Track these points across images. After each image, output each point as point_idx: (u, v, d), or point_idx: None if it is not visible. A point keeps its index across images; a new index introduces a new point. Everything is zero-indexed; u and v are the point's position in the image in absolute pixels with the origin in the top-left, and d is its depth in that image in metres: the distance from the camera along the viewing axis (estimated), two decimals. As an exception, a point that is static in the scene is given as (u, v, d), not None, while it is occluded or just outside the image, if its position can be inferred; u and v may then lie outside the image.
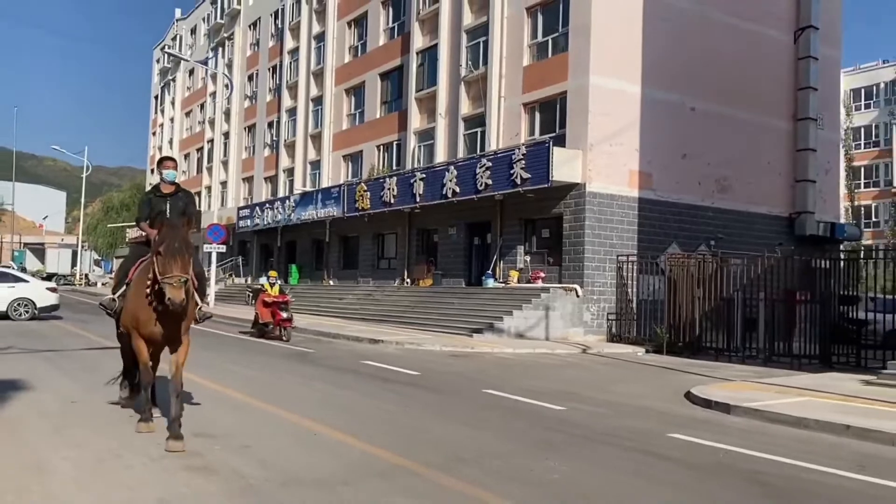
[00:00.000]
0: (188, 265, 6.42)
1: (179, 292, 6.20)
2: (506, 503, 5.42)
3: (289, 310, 17.94)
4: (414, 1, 29.21)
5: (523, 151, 21.66)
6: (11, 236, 75.20)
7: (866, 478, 6.71)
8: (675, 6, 23.13)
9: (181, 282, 6.25)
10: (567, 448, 7.57)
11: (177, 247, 6.31)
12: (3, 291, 21.78)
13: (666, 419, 9.45)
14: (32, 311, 21.99)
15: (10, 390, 9.23)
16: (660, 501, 5.77)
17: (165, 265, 6.26)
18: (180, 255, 6.30)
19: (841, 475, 6.79)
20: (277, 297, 17.93)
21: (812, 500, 5.96)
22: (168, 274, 6.23)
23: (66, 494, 5.22)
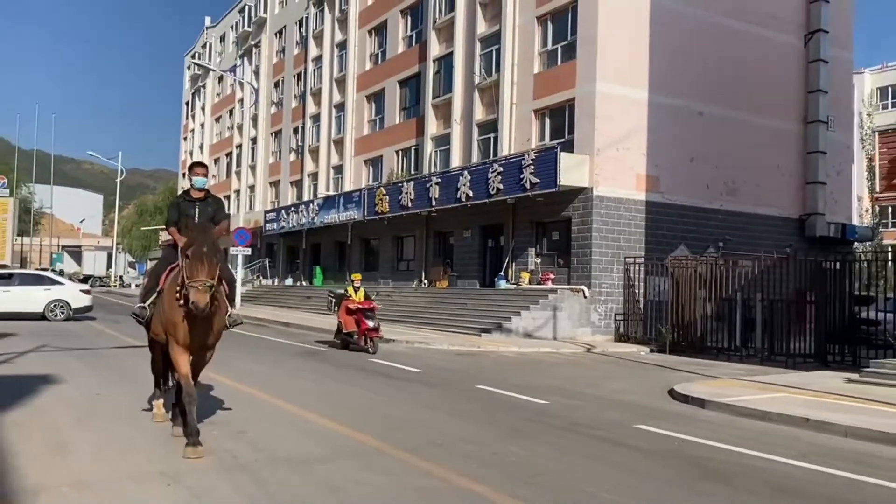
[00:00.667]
0: (215, 270, 6.37)
1: (204, 296, 6.17)
2: (461, 479, 6.19)
3: (375, 317, 16.13)
4: (431, 10, 30.06)
5: (532, 157, 22.36)
6: (50, 239, 77.50)
7: (801, 463, 7.37)
8: (682, 13, 23.64)
9: (206, 286, 6.21)
10: (536, 436, 8.32)
11: (205, 251, 6.29)
12: (39, 293, 23.03)
13: (641, 412, 10.12)
14: (67, 312, 23.18)
15: (41, 384, 10.24)
16: (599, 478, 6.50)
17: (192, 269, 6.26)
18: (207, 260, 6.28)
19: (779, 461, 7.45)
20: (362, 303, 16.22)
21: (737, 479, 6.65)
22: (194, 278, 6.22)
23: (83, 467, 6.14)
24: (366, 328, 15.93)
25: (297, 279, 40.13)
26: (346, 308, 16.38)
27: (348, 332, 16.32)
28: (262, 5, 47.92)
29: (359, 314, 16.12)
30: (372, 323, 15.93)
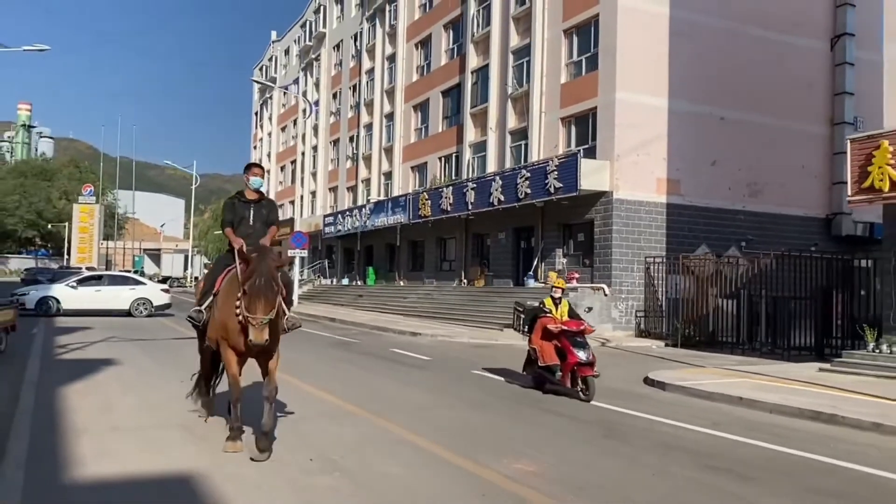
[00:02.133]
0: (274, 302, 6.24)
1: (262, 335, 6.11)
2: (405, 432, 7.94)
3: (588, 345, 10.93)
4: (469, 24, 31.81)
5: (556, 163, 23.84)
6: (132, 242, 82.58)
7: (707, 430, 8.81)
8: (702, 23, 24.66)
9: (263, 323, 6.11)
10: (494, 407, 9.99)
11: (262, 285, 6.11)
12: (126, 293, 25.82)
13: (605, 393, 11.60)
14: (150, 310, 25.81)
15: (102, 365, 12.50)
16: (517, 433, 8.17)
17: (251, 304, 6.13)
18: (265, 296, 6.13)
19: (689, 428, 8.92)
20: (568, 322, 11.09)
21: (637, 439, 8.17)
22: (252, 314, 6.11)
23: (120, 419, 8.18)
24: (575, 362, 10.62)
25: (353, 279, 42.47)
26: (544, 329, 11.14)
27: (546, 365, 11.05)
28: (322, 21, 50.60)
29: (563, 339, 10.87)
30: (583, 355, 10.62)
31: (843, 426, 9.24)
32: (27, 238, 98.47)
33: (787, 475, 6.75)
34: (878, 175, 14.15)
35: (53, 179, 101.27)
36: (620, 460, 7.15)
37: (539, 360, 11.26)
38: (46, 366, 12.48)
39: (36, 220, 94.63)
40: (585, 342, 11.03)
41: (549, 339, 11.16)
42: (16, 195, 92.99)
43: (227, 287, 6.76)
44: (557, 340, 11.03)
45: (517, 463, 6.75)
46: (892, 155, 13.90)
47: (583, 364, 10.69)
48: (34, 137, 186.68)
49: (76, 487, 5.68)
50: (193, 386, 8.32)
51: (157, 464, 6.31)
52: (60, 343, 16.19)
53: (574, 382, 10.84)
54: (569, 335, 10.98)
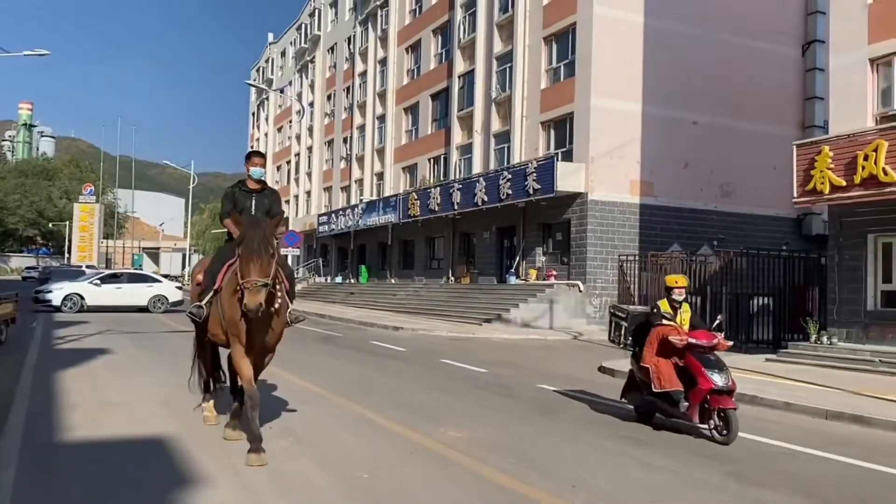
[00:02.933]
0: (269, 267, 5.94)
1: (256, 297, 5.79)
2: (363, 409, 8.97)
3: (725, 367, 8.17)
4: (456, 30, 32.83)
5: (535, 166, 24.87)
6: (132, 241, 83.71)
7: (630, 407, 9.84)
8: (675, 31, 25.63)
9: (257, 286, 5.81)
10: (450, 390, 11.02)
11: (255, 247, 5.89)
12: (144, 290, 26.99)
13: (555, 379, 12.61)
14: (166, 306, 26.85)
15: (96, 354, 13.57)
16: (461, 409, 9.21)
17: (244, 268, 5.89)
18: (258, 257, 5.88)
19: (619, 406, 9.92)
20: (697, 334, 8.31)
21: (562, 413, 9.22)
22: (247, 278, 5.84)
23: (110, 397, 9.24)
24: (708, 388, 7.92)
25: (346, 277, 43.52)
26: (662, 342, 8.33)
27: (664, 391, 8.22)
28: (317, 24, 51.62)
29: (690, 357, 8.16)
30: (720, 379, 7.93)
31: (759, 406, 10.28)
32: (28, 237, 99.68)
33: (682, 443, 7.79)
34: (819, 178, 15.20)
35: (54, 179, 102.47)
36: (540, 429, 8.19)
37: (654, 383, 8.08)
38: (44, 354, 13.56)
39: (37, 219, 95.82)
40: (721, 362, 8.11)
41: (668, 355, 8.22)
42: (17, 194, 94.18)
43: (229, 284, 6.42)
44: (678, 358, 8.17)
45: (450, 431, 7.78)
46: (832, 160, 14.94)
47: (720, 392, 7.83)
48: (35, 136, 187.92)
49: (65, 446, 6.74)
50: (203, 390, 7.96)
51: (137, 431, 7.35)
52: (58, 335, 17.25)
53: (705, 416, 7.94)
54: (698, 352, 8.07)
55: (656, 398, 8.33)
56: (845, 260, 15.77)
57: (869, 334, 15.13)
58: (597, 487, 5.89)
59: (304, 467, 6.12)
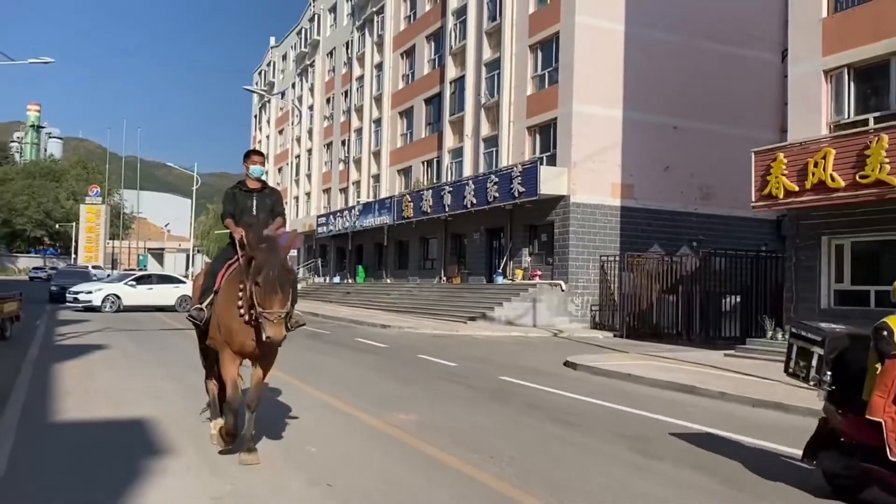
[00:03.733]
0: (289, 295, 5.89)
1: (279, 329, 5.73)
2: (329, 398, 9.91)
3: None
4: (448, 36, 33.79)
5: (520, 169, 25.81)
6: (137, 242, 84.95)
7: (580, 396, 10.73)
8: (656, 38, 26.51)
9: (281, 318, 5.74)
10: (417, 381, 11.96)
11: (276, 276, 5.70)
12: (172, 290, 28.34)
13: (519, 372, 13.52)
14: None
15: (93, 349, 14.58)
16: (421, 397, 10.15)
17: (264, 299, 5.71)
18: (281, 288, 5.73)
19: (564, 395, 10.86)
20: None
21: (515, 400, 10.14)
22: (268, 309, 5.70)
23: (101, 384, 10.22)
24: None
25: (344, 277, 44.52)
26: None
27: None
28: (317, 28, 52.64)
29: None
30: None
31: (696, 395, 11.20)
32: (36, 237, 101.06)
33: (605, 423, 8.72)
34: (774, 184, 16.07)
35: (61, 180, 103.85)
36: (484, 413, 9.12)
37: (891, 447, 5.14)
38: (45, 349, 14.57)
39: (44, 219, 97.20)
40: None
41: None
42: (25, 196, 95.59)
43: (227, 286, 6.35)
44: None
45: (402, 415, 8.71)
46: (786, 166, 15.82)
47: None
48: (43, 138, 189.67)
49: (56, 425, 7.71)
50: (207, 405, 7.55)
51: (121, 413, 8.32)
52: (60, 332, 18.29)
53: None
54: None
55: (884, 468, 5.26)
56: (802, 260, 16.64)
57: (822, 331, 15.96)
58: (511, 458, 6.81)
59: (261, 443, 7.06)
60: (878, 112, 15.39)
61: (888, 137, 13.87)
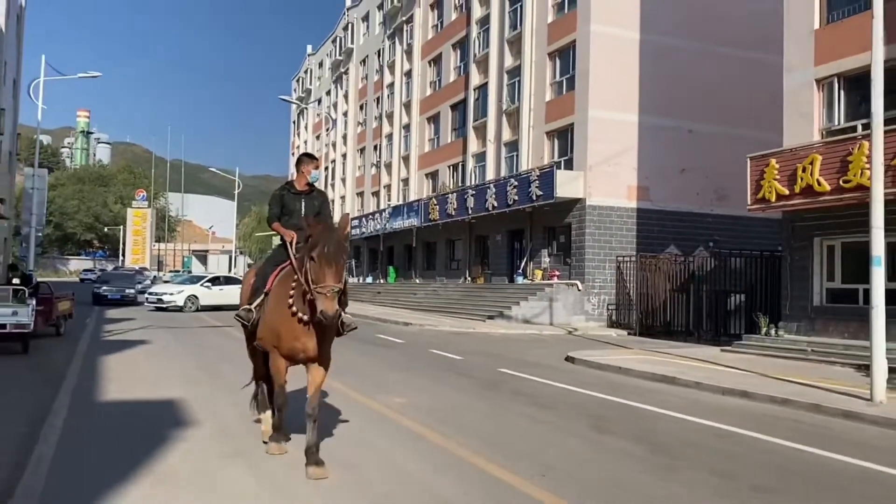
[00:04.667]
0: (342, 272, 5.76)
1: (332, 303, 5.56)
2: (333, 382, 11.19)
3: None
4: (472, 45, 34.99)
5: (538, 173, 26.87)
6: (182, 244, 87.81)
7: (567, 385, 11.83)
8: (671, 45, 27.32)
9: (334, 292, 5.59)
10: (420, 371, 13.20)
11: (332, 251, 5.63)
12: (235, 290, 30.01)
13: (521, 365, 14.64)
14: None
15: (136, 344, 16.15)
16: (417, 384, 11.38)
17: (319, 273, 5.62)
18: (335, 262, 5.64)
19: (553, 385, 11.98)
20: None
21: (505, 388, 11.31)
22: (321, 283, 5.58)
23: (142, 373, 11.69)
24: None
25: (376, 277, 45.99)
26: None
27: None
28: (350, 37, 54.28)
29: None
30: None
31: (677, 385, 12.23)
32: (86, 240, 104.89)
33: (577, 407, 9.84)
34: (767, 188, 16.94)
35: (109, 185, 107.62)
36: (472, 398, 10.32)
37: None
38: (94, 343, 16.19)
39: (93, 223, 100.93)
40: None
41: None
42: (75, 200, 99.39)
43: (278, 288, 6.31)
44: None
45: (396, 398, 9.95)
46: (778, 171, 16.68)
47: None
48: (92, 143, 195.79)
49: (101, 403, 9.14)
50: (252, 398, 7.69)
51: (157, 395, 9.72)
52: (107, 329, 19.97)
53: None
54: None
55: None
56: (795, 260, 17.46)
57: (814, 327, 16.82)
58: (485, 434, 7.94)
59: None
60: (866, 119, 16.12)
61: (868, 144, 14.65)
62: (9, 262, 47.59)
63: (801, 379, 12.26)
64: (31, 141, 60.05)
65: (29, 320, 13.38)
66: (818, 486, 6.31)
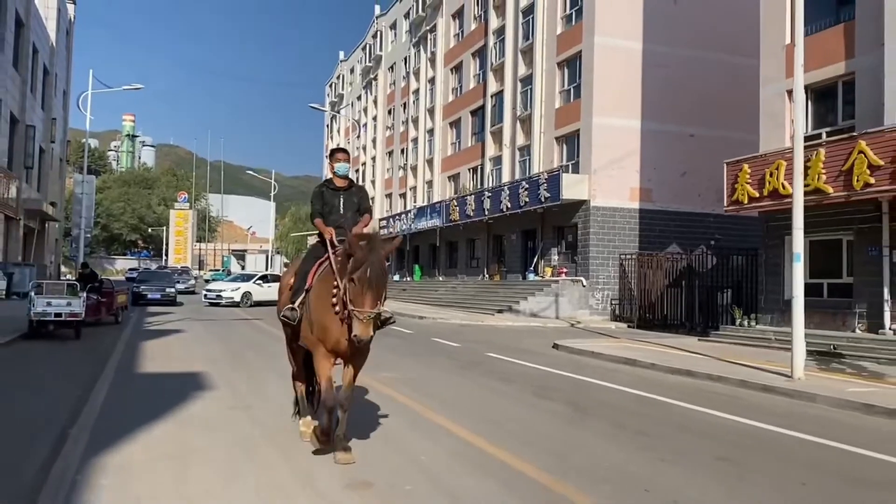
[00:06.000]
0: (382, 296, 5.81)
1: (367, 329, 5.66)
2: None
3: None
4: (489, 54, 36.78)
5: (545, 177, 28.58)
6: (221, 244, 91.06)
7: (538, 366, 13.62)
8: (673, 54, 28.78)
9: (370, 318, 5.66)
10: (416, 354, 15.06)
11: (373, 277, 5.62)
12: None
13: (510, 351, 16.36)
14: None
15: (172, 332, 18.34)
16: (409, 364, 13.25)
17: (358, 296, 5.65)
18: (376, 287, 5.67)
19: (525, 364, 13.76)
20: None
21: (480, 367, 13.14)
22: (359, 307, 5.63)
23: (174, 354, 13.79)
24: None
25: (403, 275, 48.04)
26: None
27: None
28: (379, 45, 56.46)
29: None
30: None
31: (635, 366, 13.93)
32: (131, 241, 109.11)
33: (535, 381, 11.62)
34: (740, 191, 18.46)
35: (153, 187, 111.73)
36: (450, 375, 12.16)
37: None
38: (136, 331, 18.43)
39: (138, 224, 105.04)
40: None
41: None
42: (121, 202, 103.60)
43: (319, 284, 6.29)
44: None
45: (386, 373, 11.81)
46: (750, 175, 18.19)
47: None
48: (137, 146, 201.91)
49: (139, 375, 11.22)
50: (294, 404, 7.54)
51: (185, 369, 11.77)
52: (147, 321, 22.24)
53: None
54: None
55: None
56: (770, 257, 18.94)
57: (785, 318, 18.24)
58: (446, 398, 9.77)
59: (270, 384, 10.29)
60: (829, 127, 17.63)
61: (825, 151, 16.18)
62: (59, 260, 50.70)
63: (748, 362, 13.88)
64: (80, 145, 63.32)
65: (80, 310, 15.56)
66: (692, 433, 8.02)
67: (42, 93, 37.29)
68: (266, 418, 8.07)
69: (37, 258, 36.81)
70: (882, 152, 14.84)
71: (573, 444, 7.31)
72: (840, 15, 17.66)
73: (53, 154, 41.86)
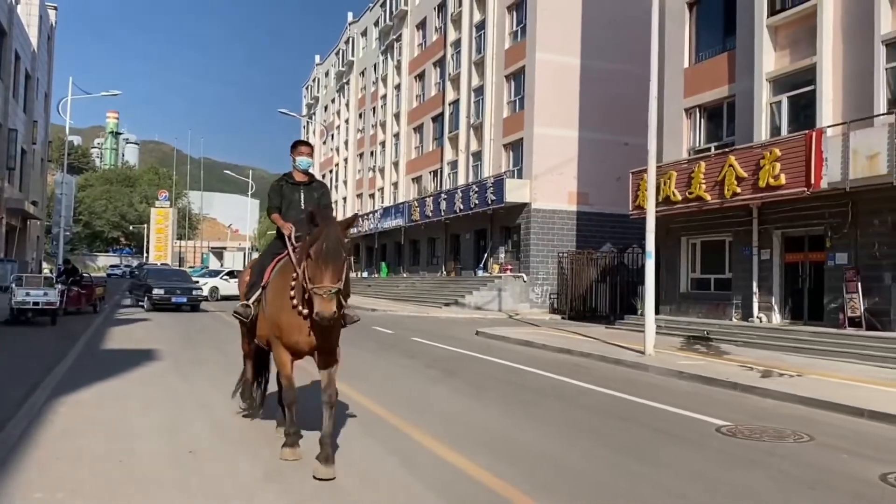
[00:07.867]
0: (341, 272, 5.35)
1: (329, 305, 5.20)
2: (272, 343, 15.54)
3: None
4: (447, 64, 39.23)
5: (491, 181, 31.07)
6: (201, 241, 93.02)
7: (452, 348, 16.05)
8: (608, 69, 31.25)
9: (331, 293, 5.23)
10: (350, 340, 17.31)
11: (330, 249, 5.25)
12: None
13: (435, 337, 18.73)
14: None
15: (138, 320, 20.66)
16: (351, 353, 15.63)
17: (316, 272, 5.27)
18: (333, 261, 5.26)
19: (446, 348, 16.16)
20: None
21: (415, 353, 15.56)
22: (318, 283, 5.23)
23: (135, 338, 16.16)
24: None
25: (371, 272, 50.42)
26: None
27: None
28: (351, 50, 58.76)
29: None
30: None
31: (531, 347, 16.42)
32: (113, 238, 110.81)
33: (441, 359, 14.05)
34: (642, 197, 20.96)
35: (135, 185, 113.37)
36: (370, 354, 14.54)
37: None
38: (106, 319, 20.73)
39: (120, 222, 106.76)
40: None
41: None
42: (103, 200, 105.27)
43: (277, 279, 6.05)
44: None
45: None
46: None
47: None
48: (121, 143, 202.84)
49: (102, 351, 13.57)
50: (237, 391, 7.78)
51: (141, 347, 14.12)
52: (119, 312, 24.53)
53: None
54: None
55: None
56: (669, 256, 21.49)
57: (681, 308, 20.88)
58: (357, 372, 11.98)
59: (210, 359, 12.64)
60: (717, 142, 20.19)
61: (705, 165, 18.73)
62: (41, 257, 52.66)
63: (626, 344, 16.36)
64: (61, 142, 64.95)
65: (56, 299, 17.85)
66: (526, 389, 10.47)
67: (24, 97, 39.24)
68: (195, 379, 10.45)
69: (19, 255, 38.78)
70: (746, 166, 17.39)
71: (431, 398, 9.73)
72: (726, 44, 20.20)
73: (35, 154, 43.80)
